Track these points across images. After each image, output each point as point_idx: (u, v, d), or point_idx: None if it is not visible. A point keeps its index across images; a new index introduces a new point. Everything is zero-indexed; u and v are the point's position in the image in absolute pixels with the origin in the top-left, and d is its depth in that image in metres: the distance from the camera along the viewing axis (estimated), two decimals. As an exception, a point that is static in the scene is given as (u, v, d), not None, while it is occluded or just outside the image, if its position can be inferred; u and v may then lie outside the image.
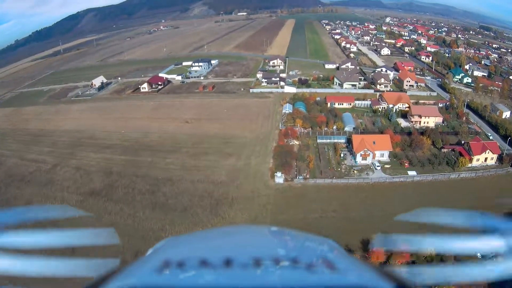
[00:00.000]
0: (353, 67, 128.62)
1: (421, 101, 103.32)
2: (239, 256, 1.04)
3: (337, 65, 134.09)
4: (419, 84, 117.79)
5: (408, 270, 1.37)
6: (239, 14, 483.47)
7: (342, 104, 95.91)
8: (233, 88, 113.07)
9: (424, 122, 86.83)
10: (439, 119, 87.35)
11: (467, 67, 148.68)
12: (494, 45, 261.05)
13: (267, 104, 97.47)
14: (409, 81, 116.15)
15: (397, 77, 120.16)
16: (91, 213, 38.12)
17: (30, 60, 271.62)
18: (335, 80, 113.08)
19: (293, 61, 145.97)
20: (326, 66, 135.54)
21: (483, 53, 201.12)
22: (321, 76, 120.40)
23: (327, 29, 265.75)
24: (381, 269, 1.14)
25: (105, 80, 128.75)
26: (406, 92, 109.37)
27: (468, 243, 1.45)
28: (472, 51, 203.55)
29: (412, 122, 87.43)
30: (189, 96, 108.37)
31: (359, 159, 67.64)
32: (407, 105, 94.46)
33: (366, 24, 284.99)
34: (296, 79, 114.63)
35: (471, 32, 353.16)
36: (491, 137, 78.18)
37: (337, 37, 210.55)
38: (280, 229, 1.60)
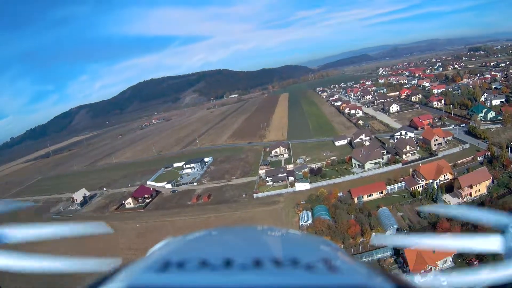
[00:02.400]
0: (368, 138, 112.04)
1: (458, 161, 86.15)
2: (239, 257, 1.04)
3: (349, 139, 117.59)
4: (446, 139, 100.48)
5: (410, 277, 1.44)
6: (230, 96, 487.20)
7: (372, 195, 77.17)
8: (233, 195, 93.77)
9: (476, 191, 69.05)
10: (489, 180, 70.57)
11: (482, 98, 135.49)
12: (491, 63, 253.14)
13: (277, 213, 77.83)
14: (436, 140, 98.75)
15: (421, 137, 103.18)
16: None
17: (23, 161, 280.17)
18: (353, 161, 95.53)
19: (297, 145, 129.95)
20: (337, 143, 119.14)
21: (488, 76, 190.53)
22: (335, 159, 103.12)
23: (324, 96, 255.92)
24: (380, 269, 1.16)
25: (87, 193, 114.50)
26: (437, 154, 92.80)
27: (468, 242, 1.47)
28: (476, 78, 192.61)
29: (461, 196, 69.25)
30: (181, 212, 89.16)
31: (417, 278, 46.81)
32: (449, 176, 76.24)
33: (362, 82, 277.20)
34: (307, 169, 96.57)
35: (463, 58, 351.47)
36: None
37: (337, 104, 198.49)
38: (279, 230, 1.61)
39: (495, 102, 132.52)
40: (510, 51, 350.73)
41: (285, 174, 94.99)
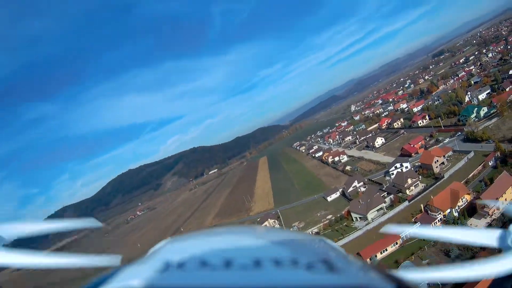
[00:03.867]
0: (361, 184, 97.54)
1: (470, 175, 74.61)
2: (239, 257, 1.04)
3: (341, 190, 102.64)
4: (447, 156, 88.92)
5: (408, 271, 1.43)
6: (210, 172, 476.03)
7: (386, 249, 61.41)
8: None
9: (504, 202, 54.81)
10: (510, 184, 58.86)
11: (468, 98, 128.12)
12: (460, 60, 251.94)
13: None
14: (437, 161, 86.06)
15: (420, 163, 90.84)
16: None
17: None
18: (353, 215, 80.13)
19: (287, 211, 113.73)
20: (329, 198, 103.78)
21: (463, 74, 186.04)
22: (331, 217, 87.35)
23: (303, 150, 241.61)
24: (380, 269, 1.16)
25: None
26: (443, 176, 79.64)
27: (469, 234, 1.51)
28: (452, 80, 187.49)
29: (489, 215, 57.15)
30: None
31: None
32: (467, 197, 63.74)
33: (338, 125, 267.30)
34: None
35: (430, 66, 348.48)
36: None
37: (318, 154, 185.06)
38: (279, 230, 1.61)
39: (482, 96, 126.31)
40: (474, 41, 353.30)
41: (279, 253, 77.98)
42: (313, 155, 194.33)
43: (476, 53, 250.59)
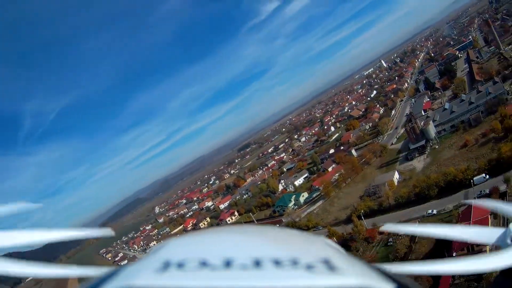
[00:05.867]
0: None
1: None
2: (239, 257, 1.01)
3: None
4: None
5: (407, 267, 1.31)
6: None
7: None
8: None
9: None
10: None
11: (281, 186, 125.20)
12: (269, 150, 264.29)
13: None
14: None
15: None
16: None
17: None
18: None
19: None
20: None
21: (274, 163, 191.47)
22: None
23: (109, 258, 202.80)
24: (380, 268, 1.14)
25: None
26: None
27: (469, 233, 1.51)
28: (261, 171, 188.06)
29: None
30: None
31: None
32: None
33: (142, 229, 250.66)
34: None
35: (236, 160, 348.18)
36: None
37: (124, 263, 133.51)
38: (279, 230, 1.53)
39: (299, 181, 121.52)
40: (283, 129, 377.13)
41: None
42: (119, 263, 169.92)
43: (287, 140, 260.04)
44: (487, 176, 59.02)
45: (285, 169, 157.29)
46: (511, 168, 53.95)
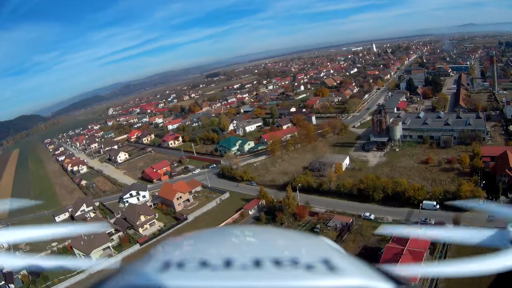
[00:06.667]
0: (91, 208, 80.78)
1: (222, 224, 68.40)
2: (239, 257, 1.04)
3: (70, 210, 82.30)
4: (194, 191, 79.26)
5: (407, 267, 1.40)
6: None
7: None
8: None
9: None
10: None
11: (232, 127, 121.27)
12: (234, 86, 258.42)
13: None
14: (180, 197, 75.03)
15: (159, 195, 79.43)
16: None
17: None
18: (75, 251, 62.65)
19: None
20: (57, 218, 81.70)
21: (234, 100, 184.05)
22: (55, 247, 67.60)
23: (51, 150, 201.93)
24: (380, 268, 1.14)
25: None
26: (186, 218, 70.50)
27: (467, 234, 1.50)
28: (219, 104, 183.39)
29: None
30: None
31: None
32: None
33: (90, 128, 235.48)
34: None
35: (201, 85, 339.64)
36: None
37: (61, 159, 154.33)
38: (279, 229, 1.62)
39: (251, 128, 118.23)
40: (256, 71, 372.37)
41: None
42: (58, 158, 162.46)
43: (255, 82, 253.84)
44: (438, 206, 56.66)
45: (242, 110, 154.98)
46: (464, 210, 49.70)
